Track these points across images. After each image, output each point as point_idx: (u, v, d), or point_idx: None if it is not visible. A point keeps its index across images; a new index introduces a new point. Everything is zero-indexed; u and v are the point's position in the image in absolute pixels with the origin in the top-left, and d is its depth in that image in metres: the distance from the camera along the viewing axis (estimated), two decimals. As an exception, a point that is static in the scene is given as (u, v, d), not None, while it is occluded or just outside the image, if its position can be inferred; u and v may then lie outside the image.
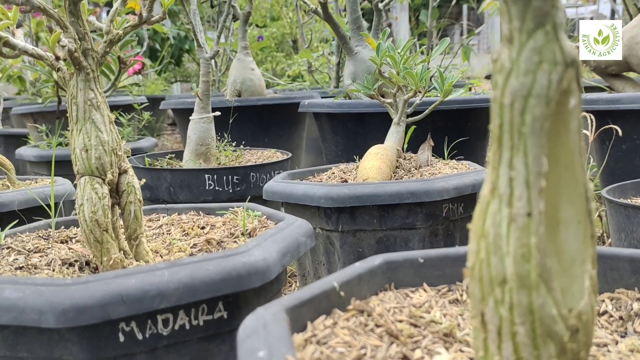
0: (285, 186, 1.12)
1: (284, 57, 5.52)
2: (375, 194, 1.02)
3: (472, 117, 1.73)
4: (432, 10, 3.34)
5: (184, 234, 0.87)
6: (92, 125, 0.71)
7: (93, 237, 0.71)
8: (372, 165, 1.22)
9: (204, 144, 1.60)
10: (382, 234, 1.07)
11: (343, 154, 1.79)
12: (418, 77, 1.25)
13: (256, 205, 0.90)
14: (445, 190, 1.03)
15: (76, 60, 0.70)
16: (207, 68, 1.59)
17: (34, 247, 0.80)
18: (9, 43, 0.70)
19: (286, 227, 0.74)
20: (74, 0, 0.70)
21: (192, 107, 2.26)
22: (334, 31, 1.78)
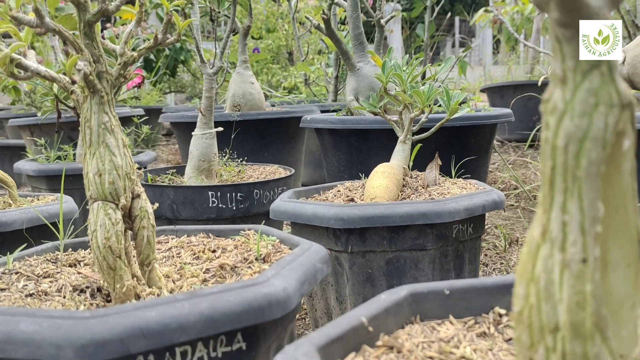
0: (293, 206, 1.11)
1: (279, 69, 5.52)
2: (386, 215, 1.01)
3: (475, 134, 1.72)
4: (429, 24, 3.35)
5: (195, 258, 0.85)
6: (106, 149, 0.70)
7: (106, 263, 0.69)
8: (380, 184, 1.21)
9: (206, 159, 1.59)
10: (391, 255, 1.06)
11: (345, 169, 1.78)
12: (425, 95, 1.24)
13: (268, 227, 0.89)
14: (457, 211, 1.03)
15: (91, 83, 0.68)
16: (210, 84, 1.57)
17: (43, 272, 0.78)
18: (22, 65, 0.69)
19: (303, 254, 0.73)
20: (88, 22, 0.69)
21: (191, 120, 2.25)
22: (337, 47, 1.78)
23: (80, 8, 0.68)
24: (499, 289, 0.58)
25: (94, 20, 0.69)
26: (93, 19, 0.69)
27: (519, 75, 5.76)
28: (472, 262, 1.15)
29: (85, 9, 0.68)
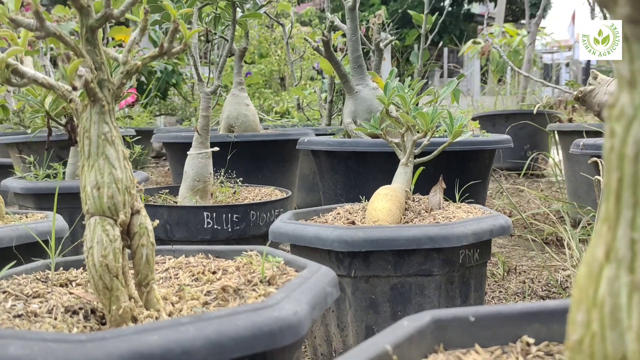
0: (294, 227, 1.07)
1: (271, 94, 5.52)
2: (391, 239, 0.97)
3: (474, 159, 1.70)
4: (423, 51, 3.36)
5: (194, 279, 0.81)
6: (106, 161, 0.66)
7: (102, 283, 0.65)
8: (383, 207, 1.17)
9: (201, 179, 1.54)
10: (396, 280, 1.02)
11: (342, 192, 1.75)
12: (429, 117, 1.21)
13: (271, 249, 0.84)
14: (464, 235, 0.99)
15: (91, 92, 0.65)
16: (207, 102, 1.54)
17: (32, 292, 0.73)
18: (18, 71, 0.65)
19: (311, 276, 0.69)
20: (91, 27, 0.66)
21: (185, 141, 2.21)
22: (335, 70, 1.76)
23: (82, 12, 0.65)
24: (526, 316, 0.55)
25: (96, 25, 0.66)
26: (96, 24, 0.66)
27: (510, 105, 5.80)
28: (478, 289, 1.12)
29: (88, 13, 0.65)
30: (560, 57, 16.36)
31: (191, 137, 2.13)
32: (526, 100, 5.17)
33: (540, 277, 1.90)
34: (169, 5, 0.69)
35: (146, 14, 0.70)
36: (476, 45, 8.43)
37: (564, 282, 1.84)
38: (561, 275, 1.90)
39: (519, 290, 1.77)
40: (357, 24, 1.77)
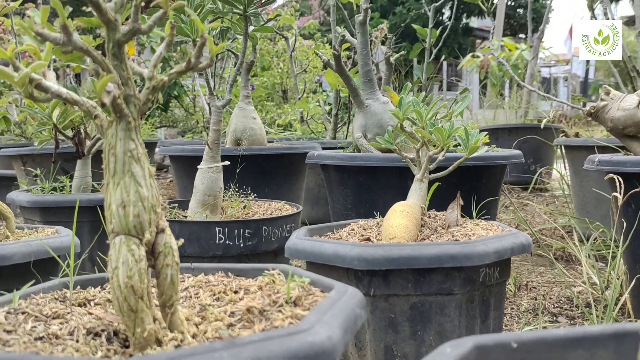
0: (311, 244, 1.05)
1: (273, 106, 5.52)
2: (413, 257, 0.96)
3: (486, 174, 1.69)
4: (427, 65, 3.36)
5: (215, 299, 0.79)
6: (132, 179, 0.64)
7: (127, 305, 0.63)
8: (399, 223, 1.16)
9: (211, 194, 1.53)
10: (416, 299, 1.00)
11: (352, 207, 1.73)
12: (447, 133, 1.20)
13: (294, 268, 0.83)
14: (486, 254, 0.97)
15: (118, 108, 0.63)
16: (218, 116, 1.53)
17: (51, 312, 0.71)
18: (42, 86, 0.64)
19: (340, 298, 0.67)
20: (118, 42, 0.64)
21: (192, 154, 2.20)
22: (346, 83, 1.75)
23: (109, 27, 0.64)
24: (569, 342, 0.53)
25: (124, 40, 0.64)
26: (123, 38, 0.64)
27: (510, 119, 5.80)
28: (497, 307, 1.10)
29: (115, 27, 0.64)
30: (558, 71, 16.45)
31: (198, 150, 2.12)
32: (529, 114, 5.17)
33: (552, 294, 1.88)
34: (197, 20, 0.67)
35: (172, 29, 0.69)
36: (475, 59, 8.46)
37: (576, 299, 1.82)
38: (573, 292, 1.88)
39: (531, 307, 1.75)
40: (368, 39, 1.76)
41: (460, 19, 18.57)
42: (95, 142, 1.93)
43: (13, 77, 0.62)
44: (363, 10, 1.73)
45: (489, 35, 9.06)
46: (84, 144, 1.91)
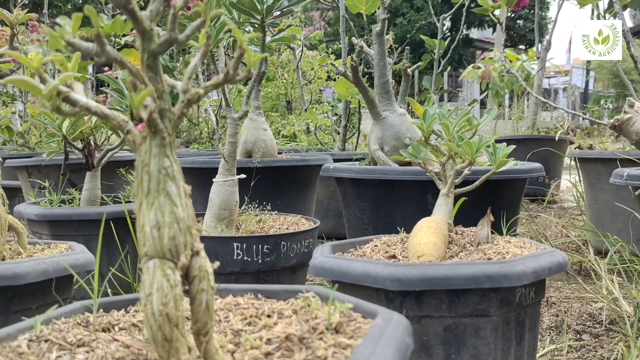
0: (339, 263, 1.01)
1: (278, 117, 5.49)
2: (448, 277, 0.91)
3: (507, 188, 1.65)
4: (436, 76, 3.34)
5: (247, 324, 0.74)
6: (167, 199, 0.60)
7: (161, 334, 0.58)
8: (427, 240, 1.12)
9: (227, 208, 1.49)
10: (450, 321, 0.96)
11: (370, 222, 1.69)
12: (475, 147, 1.16)
13: (328, 290, 0.78)
14: (525, 274, 0.93)
15: (153, 122, 0.59)
16: (234, 129, 1.49)
17: (76, 340, 0.67)
18: (70, 99, 0.60)
19: (387, 326, 0.63)
20: (153, 53, 0.60)
21: (202, 166, 2.15)
22: (362, 95, 1.72)
23: (144, 37, 0.60)
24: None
25: (159, 51, 0.60)
26: (159, 49, 0.60)
27: (509, 130, 5.77)
28: (532, 329, 1.05)
29: (151, 37, 0.60)
30: (557, 81, 16.47)
31: (209, 162, 2.08)
32: (535, 125, 5.14)
33: (572, 310, 1.83)
34: (237, 31, 0.63)
35: (208, 39, 0.65)
36: (476, 70, 8.45)
37: (597, 315, 1.77)
38: (594, 308, 1.83)
39: (553, 324, 1.70)
40: (385, 49, 1.72)
41: (460, 30, 18.65)
42: (105, 154, 1.89)
43: (40, 90, 0.58)
44: (380, 20, 1.70)
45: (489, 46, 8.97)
46: (93, 155, 1.87)
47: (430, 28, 13.64)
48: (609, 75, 12.31)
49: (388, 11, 2.92)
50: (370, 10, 2.82)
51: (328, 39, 12.16)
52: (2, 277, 0.97)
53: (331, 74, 5.58)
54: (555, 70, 11.79)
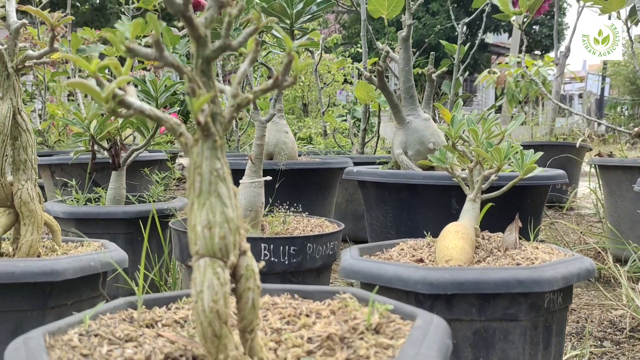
0: (369, 265, 1.03)
1: (294, 119, 5.51)
2: (479, 281, 0.93)
3: (530, 194, 1.66)
4: (455, 81, 3.34)
5: (286, 322, 0.76)
6: (218, 200, 0.62)
7: (211, 330, 0.60)
8: (456, 244, 1.13)
9: (253, 209, 1.51)
10: (479, 325, 0.97)
11: (393, 225, 1.70)
12: (504, 153, 1.18)
13: (364, 292, 0.80)
14: (555, 280, 0.94)
15: (206, 126, 0.61)
16: (262, 131, 1.51)
17: (123, 335, 0.69)
18: (125, 102, 0.62)
19: (428, 328, 0.64)
20: (207, 58, 0.62)
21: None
22: (387, 99, 1.73)
23: (199, 42, 0.62)
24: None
25: (213, 56, 0.63)
26: (213, 55, 0.62)
27: (525, 135, 5.75)
28: (559, 334, 1.06)
29: (205, 43, 0.62)
30: (572, 88, 16.37)
31: (233, 163, 2.11)
32: (543, 130, 5.12)
33: (593, 317, 1.84)
34: (287, 37, 0.65)
35: (257, 46, 0.67)
36: (492, 75, 8.44)
37: (618, 323, 1.77)
38: (614, 315, 1.84)
39: (574, 330, 1.71)
40: (410, 54, 1.74)
41: (475, 34, 18.59)
42: (130, 153, 1.92)
43: (99, 93, 0.61)
44: (406, 26, 1.71)
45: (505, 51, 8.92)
46: (120, 155, 1.90)
47: (445, 32, 13.65)
48: (625, 81, 12.21)
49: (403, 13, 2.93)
50: (391, 15, 2.83)
51: (343, 42, 12.17)
52: (41, 273, 1.00)
53: (348, 77, 5.60)
54: (570, 76, 11.73)
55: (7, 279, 0.98)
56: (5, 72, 1.12)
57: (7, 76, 1.12)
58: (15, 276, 0.98)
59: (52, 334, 0.66)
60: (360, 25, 3.46)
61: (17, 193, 1.14)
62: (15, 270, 0.98)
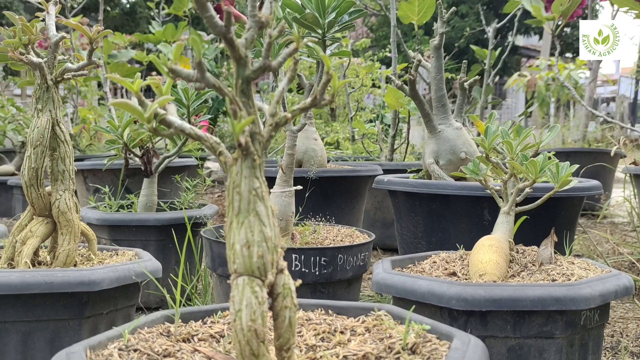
0: (403, 280, 1.02)
1: (322, 124, 5.52)
2: (515, 298, 0.92)
3: (564, 206, 1.63)
4: (486, 87, 3.31)
5: (320, 339, 0.76)
6: (256, 218, 0.62)
7: (249, 349, 0.61)
8: (489, 259, 1.12)
9: (283, 218, 1.51)
10: (514, 342, 0.96)
11: (423, 236, 1.69)
12: (539, 166, 1.16)
13: (399, 309, 0.80)
14: (592, 298, 0.93)
15: (245, 146, 0.62)
16: (293, 140, 1.52)
17: (162, 350, 0.70)
18: (166, 121, 0.63)
19: (467, 349, 0.64)
20: (247, 78, 0.63)
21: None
22: (419, 108, 1.72)
23: (240, 63, 0.62)
24: None
25: (253, 77, 0.63)
26: (253, 75, 0.63)
27: (556, 140, 5.66)
28: (595, 352, 1.04)
29: (245, 64, 0.63)
30: (604, 91, 16.05)
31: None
32: (573, 135, 5.04)
33: (627, 331, 1.80)
34: (325, 57, 0.66)
35: (295, 64, 0.67)
36: (522, 79, 8.33)
37: (655, 338, 1.73)
38: (651, 330, 1.79)
39: (608, 344, 1.67)
40: (442, 63, 1.73)
41: (505, 37, 18.39)
42: (162, 161, 1.95)
43: (142, 113, 0.62)
44: (438, 34, 1.70)
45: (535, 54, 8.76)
46: (152, 162, 1.93)
47: (474, 35, 13.52)
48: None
49: (432, 18, 2.91)
50: (422, 21, 2.82)
51: (371, 45, 12.14)
52: (79, 283, 1.02)
53: (376, 82, 5.59)
54: (603, 79, 11.52)
55: (45, 288, 1.00)
56: (44, 85, 1.14)
57: (46, 89, 1.15)
58: (54, 286, 1.00)
59: (93, 348, 0.67)
60: (387, 28, 3.45)
61: (55, 203, 1.17)
62: (54, 280, 1.00)
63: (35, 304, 1.02)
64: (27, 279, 1.00)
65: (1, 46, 1.14)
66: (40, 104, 1.15)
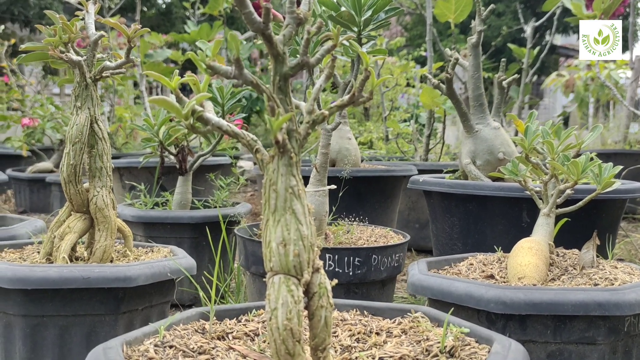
0: (439, 282, 1.00)
1: (355, 123, 5.50)
2: (556, 303, 0.89)
3: (606, 208, 1.58)
4: (524, 86, 3.25)
5: (355, 340, 0.75)
6: (293, 217, 0.62)
7: (284, 348, 0.60)
8: (529, 262, 1.09)
9: (317, 218, 1.50)
10: (554, 347, 0.93)
11: (459, 237, 1.66)
12: (582, 167, 1.13)
13: (436, 311, 0.78)
14: (637, 303, 0.90)
15: (282, 144, 0.61)
16: (327, 140, 1.51)
17: (197, 347, 0.70)
18: (203, 118, 0.62)
19: (507, 354, 0.62)
20: (284, 75, 0.62)
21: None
22: (456, 108, 1.70)
23: (278, 60, 0.62)
24: None
25: (290, 73, 0.62)
26: (290, 72, 0.62)
27: (596, 141, 5.52)
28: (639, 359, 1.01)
29: (283, 60, 0.62)
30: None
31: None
32: (614, 136, 4.90)
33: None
34: (364, 54, 0.65)
35: (333, 61, 0.66)
36: (560, 78, 8.16)
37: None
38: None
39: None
40: (480, 62, 1.70)
41: (543, 35, 18.08)
42: (197, 159, 1.96)
43: (179, 110, 0.61)
44: (476, 32, 1.67)
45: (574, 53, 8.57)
46: (187, 160, 1.94)
47: (510, 34, 13.31)
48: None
49: (469, 16, 2.87)
50: (458, 19, 2.79)
51: (405, 44, 12.05)
52: (115, 279, 1.03)
53: (410, 81, 5.54)
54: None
55: (83, 284, 1.01)
56: (84, 83, 1.16)
57: (85, 86, 1.16)
58: (91, 281, 1.01)
59: (129, 343, 0.67)
60: (422, 27, 3.42)
61: (93, 199, 1.18)
62: (91, 275, 1.01)
63: (72, 298, 1.03)
64: (64, 274, 1.01)
65: (42, 44, 1.16)
66: (79, 102, 1.16)
